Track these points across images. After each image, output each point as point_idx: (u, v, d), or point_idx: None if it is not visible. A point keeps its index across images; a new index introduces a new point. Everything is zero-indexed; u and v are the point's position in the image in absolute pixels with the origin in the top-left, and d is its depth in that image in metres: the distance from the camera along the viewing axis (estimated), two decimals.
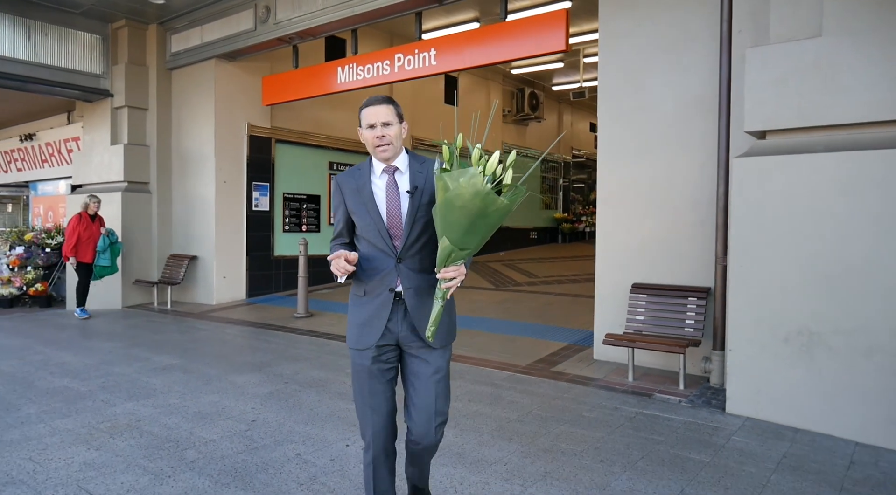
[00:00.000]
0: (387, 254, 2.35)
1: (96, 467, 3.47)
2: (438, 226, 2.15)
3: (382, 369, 2.40)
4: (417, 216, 2.32)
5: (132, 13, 9.70)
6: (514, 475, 3.36)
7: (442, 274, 2.16)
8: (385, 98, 2.40)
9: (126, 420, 4.29)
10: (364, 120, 2.37)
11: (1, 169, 14.00)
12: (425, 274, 2.36)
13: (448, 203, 2.06)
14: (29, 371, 5.72)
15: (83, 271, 8.92)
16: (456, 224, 2.08)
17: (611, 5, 5.75)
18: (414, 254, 2.35)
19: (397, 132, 2.36)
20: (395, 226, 2.33)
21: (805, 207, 4.07)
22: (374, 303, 2.36)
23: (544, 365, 5.70)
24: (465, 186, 2.02)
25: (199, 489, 3.18)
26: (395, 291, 2.34)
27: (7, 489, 3.20)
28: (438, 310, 2.21)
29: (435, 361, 2.39)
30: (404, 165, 2.41)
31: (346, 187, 2.42)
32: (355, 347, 2.41)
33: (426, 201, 2.32)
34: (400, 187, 2.36)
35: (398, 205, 2.34)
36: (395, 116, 2.36)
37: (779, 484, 3.27)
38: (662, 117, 5.42)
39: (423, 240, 2.34)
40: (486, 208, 2.05)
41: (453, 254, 2.13)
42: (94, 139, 10.69)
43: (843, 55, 3.99)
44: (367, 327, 2.37)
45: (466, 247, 2.14)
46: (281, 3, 8.40)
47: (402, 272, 2.34)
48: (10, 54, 8.99)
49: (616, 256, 5.73)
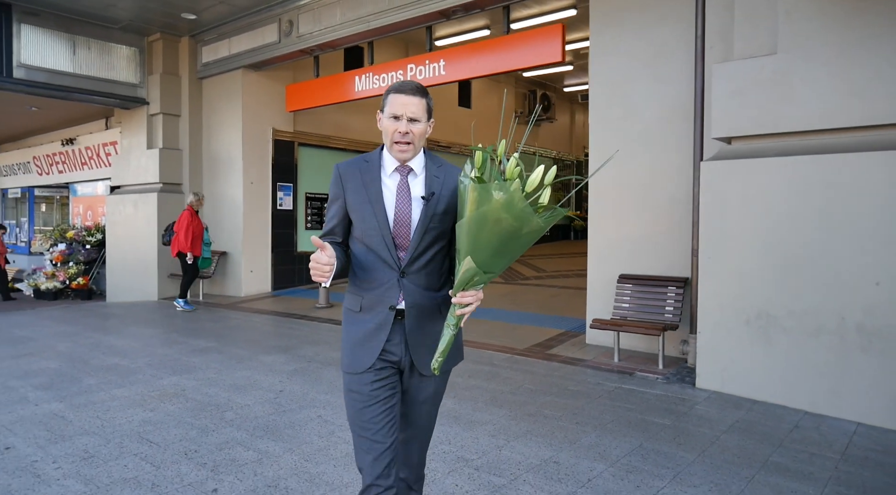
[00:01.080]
0: (389, 265, 2.03)
1: (152, 423, 4.17)
2: (464, 244, 1.84)
3: (384, 395, 2.06)
4: (430, 226, 2.01)
5: (166, 27, 10.47)
6: (501, 433, 3.97)
7: (459, 298, 1.88)
8: (419, 87, 2.04)
9: (173, 389, 4.99)
10: (389, 107, 2.02)
11: (44, 171, 14.91)
12: (430, 291, 2.07)
13: (481, 219, 1.78)
14: (83, 351, 6.47)
15: (193, 265, 9.27)
16: (485, 244, 1.81)
17: (600, 22, 6.32)
18: (419, 268, 2.04)
19: (423, 131, 2.04)
20: (403, 234, 2.02)
21: (760, 205, 4.63)
22: (371, 320, 2.05)
23: (540, 348, 6.30)
24: (503, 202, 1.76)
25: (237, 439, 3.86)
26: (395, 309, 2.03)
27: (83, 438, 3.90)
28: (449, 340, 1.92)
29: (433, 385, 2.15)
30: (420, 167, 2.08)
31: (349, 179, 2.08)
32: (350, 371, 2.07)
33: (441, 210, 2.02)
34: (413, 191, 2.04)
35: (409, 211, 2.02)
36: (426, 112, 2.03)
37: (726, 442, 3.85)
38: (645, 124, 5.99)
39: (431, 253, 2.05)
40: (520, 229, 1.80)
41: (476, 278, 1.86)
42: (131, 144, 11.50)
43: (794, 70, 4.53)
44: (363, 347, 2.05)
45: (492, 271, 1.87)
46: (303, 18, 9.08)
47: (405, 288, 2.03)
48: (57, 67, 9.80)
49: (605, 250, 6.31)
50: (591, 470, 3.41)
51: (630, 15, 6.07)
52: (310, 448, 3.72)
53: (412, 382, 2.12)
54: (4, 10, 9.15)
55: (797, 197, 4.48)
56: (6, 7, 9.15)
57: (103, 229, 12.40)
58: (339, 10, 8.57)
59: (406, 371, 2.10)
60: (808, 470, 3.45)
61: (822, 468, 3.48)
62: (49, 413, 4.43)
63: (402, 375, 2.12)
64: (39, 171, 15.13)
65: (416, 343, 2.06)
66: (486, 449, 3.68)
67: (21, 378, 5.42)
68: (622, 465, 3.47)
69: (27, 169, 15.57)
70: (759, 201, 4.64)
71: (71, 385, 5.17)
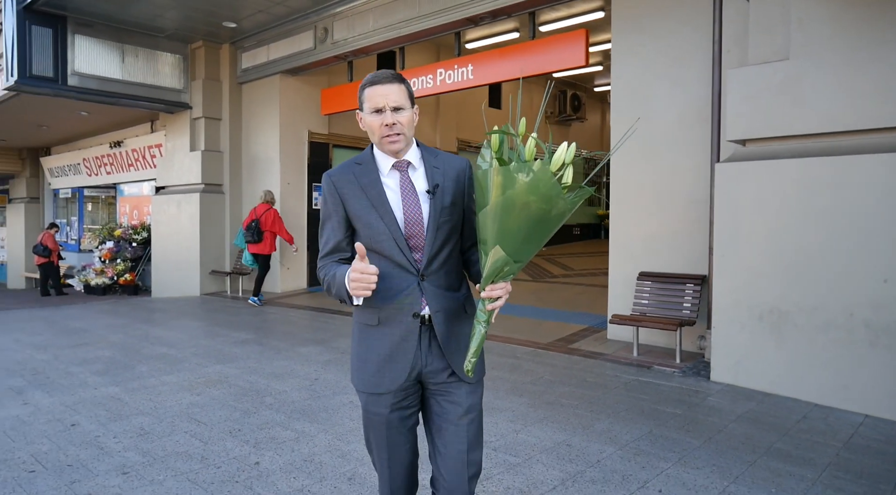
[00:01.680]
0: (405, 269, 1.89)
1: (199, 405, 4.56)
2: (490, 233, 1.73)
3: (404, 416, 1.96)
4: (441, 221, 1.89)
5: (208, 35, 10.98)
6: (519, 419, 4.25)
7: (488, 292, 1.76)
8: (394, 74, 1.91)
9: (217, 377, 5.39)
10: (368, 102, 1.89)
11: (93, 172, 15.64)
12: (452, 292, 1.95)
13: (507, 204, 1.68)
14: (134, 342, 6.95)
15: (265, 261, 9.79)
16: (514, 230, 1.70)
17: (621, 27, 6.52)
18: (437, 268, 1.91)
19: (409, 119, 1.90)
20: (416, 234, 1.89)
21: (772, 205, 4.80)
22: (394, 333, 1.90)
23: (563, 343, 6.55)
24: (530, 183, 1.66)
25: (276, 420, 4.22)
26: (420, 316, 1.90)
27: (139, 417, 4.32)
28: (481, 338, 1.80)
29: (466, 399, 1.94)
30: (417, 159, 1.96)
31: (345, 185, 1.94)
32: (369, 391, 1.94)
33: (449, 202, 1.90)
34: (417, 186, 1.92)
35: (417, 208, 1.89)
36: (407, 98, 1.90)
37: (733, 430, 4.06)
38: (665, 126, 6.18)
39: (447, 250, 1.93)
40: (549, 212, 1.70)
41: (507, 268, 1.75)
42: (175, 146, 12.07)
43: (805, 76, 4.69)
44: (389, 364, 1.90)
45: (521, 259, 1.77)
46: (337, 25, 9.46)
47: (427, 291, 1.89)
48: (107, 74, 10.39)
49: (626, 248, 6.52)
50: (601, 452, 3.67)
51: (650, 21, 6.26)
52: (342, 428, 4.05)
53: (442, 396, 1.95)
54: (61, 23, 9.75)
55: (807, 197, 4.64)
56: (62, 19, 9.75)
57: (148, 228, 13.03)
58: (372, 18, 8.93)
59: (431, 383, 1.95)
60: (809, 456, 3.64)
61: (824, 455, 3.68)
62: (107, 395, 4.87)
63: (424, 394, 1.99)
64: (89, 172, 15.86)
65: (451, 349, 1.91)
66: (504, 433, 3.96)
67: (80, 365, 5.89)
68: (630, 448, 3.72)
69: (77, 170, 16.34)
70: (770, 201, 4.81)
71: (125, 371, 5.62)
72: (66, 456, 3.64)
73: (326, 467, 3.45)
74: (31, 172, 18.54)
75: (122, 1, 9.24)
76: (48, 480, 3.31)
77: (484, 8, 7.53)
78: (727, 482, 3.29)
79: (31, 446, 3.81)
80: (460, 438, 1.92)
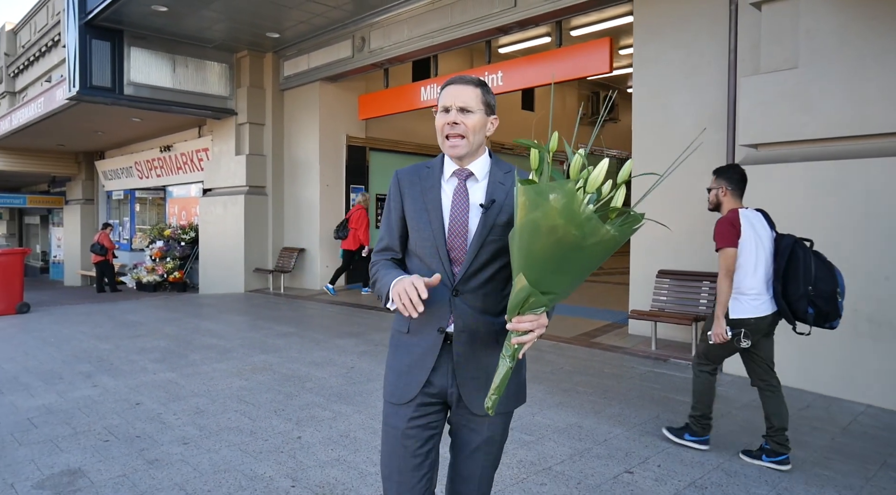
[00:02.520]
0: (442, 281, 1.78)
1: (247, 389, 5.05)
2: (514, 258, 1.59)
3: (421, 437, 1.84)
4: (489, 239, 1.77)
5: (252, 45, 11.59)
6: (536, 404, 4.62)
7: (514, 323, 1.59)
8: (474, 79, 1.84)
9: (262, 365, 5.89)
10: (440, 101, 1.84)
11: (144, 175, 16.50)
12: (488, 316, 1.82)
13: (531, 227, 1.52)
14: (185, 333, 7.53)
15: (351, 255, 10.64)
16: (539, 257, 1.53)
17: (643, 35, 6.81)
18: (476, 286, 1.80)
19: (478, 123, 1.80)
20: (458, 246, 1.80)
21: (780, 206, 5.03)
22: (420, 344, 1.85)
23: (585, 337, 6.87)
24: (557, 206, 1.47)
25: (316, 402, 4.68)
26: (444, 332, 1.81)
27: (194, 398, 4.82)
28: (505, 374, 1.62)
29: (487, 429, 1.85)
30: (482, 171, 1.85)
31: (408, 186, 1.89)
32: (388, 400, 1.89)
33: (504, 221, 1.78)
34: (471, 197, 1.83)
35: (465, 219, 1.81)
36: (481, 103, 1.81)
37: (736, 416, 4.35)
38: (685, 130, 6.44)
39: (491, 271, 1.80)
40: (583, 239, 1.49)
41: (532, 299, 1.57)
42: (221, 150, 12.74)
43: (813, 83, 4.93)
44: (406, 376, 1.85)
45: (550, 291, 1.57)
46: (374, 35, 9.94)
47: (457, 308, 1.80)
48: (159, 84, 11.09)
49: (646, 248, 6.81)
50: (609, 432, 4.01)
51: (670, 30, 6.54)
52: (375, 410, 4.48)
53: (461, 422, 1.87)
54: (118, 36, 10.46)
55: (814, 198, 4.89)
56: (119, 33, 10.46)
57: (196, 228, 13.74)
58: (407, 27, 9.37)
59: (454, 406, 1.86)
60: (805, 439, 3.92)
61: (819, 439, 3.95)
62: (165, 380, 5.40)
63: (449, 411, 1.91)
64: (140, 175, 16.73)
65: (465, 375, 1.81)
66: (521, 416, 4.33)
67: (139, 353, 6.47)
68: (637, 430, 4.05)
69: (129, 173, 17.23)
70: (779, 202, 5.05)
71: (179, 359, 6.17)
72: (133, 429, 4.15)
73: (360, 441, 3.88)
74: (86, 175, 19.58)
75: (174, 15, 9.88)
76: (121, 448, 3.82)
77: (512, 18, 7.89)
78: (722, 459, 3.60)
79: (104, 420, 4.34)
80: (476, 465, 1.88)
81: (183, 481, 3.32)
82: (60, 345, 7.00)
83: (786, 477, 3.38)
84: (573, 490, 3.20)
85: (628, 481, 3.31)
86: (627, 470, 3.45)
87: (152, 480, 3.33)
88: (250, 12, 9.80)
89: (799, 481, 3.34)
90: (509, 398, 1.85)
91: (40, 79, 18.00)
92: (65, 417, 4.40)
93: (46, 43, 17.19)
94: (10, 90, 20.07)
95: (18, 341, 7.32)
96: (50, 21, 16.86)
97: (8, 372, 5.74)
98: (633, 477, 3.37)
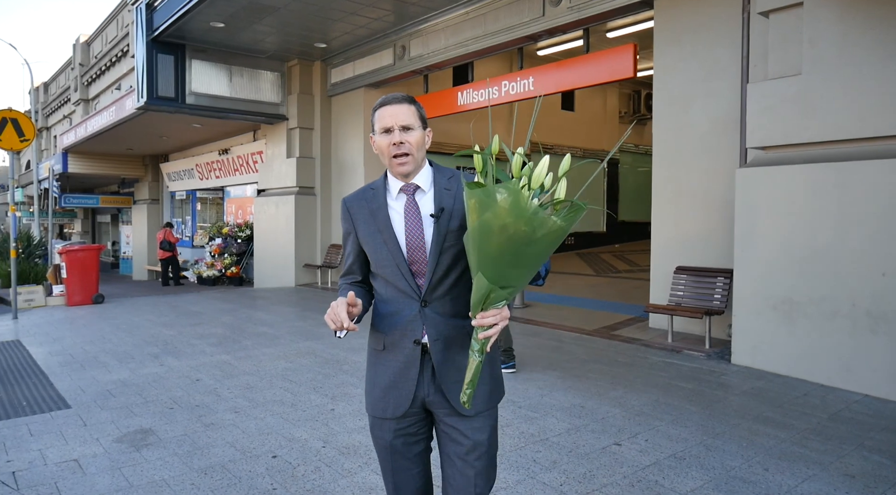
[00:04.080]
0: (409, 295, 1.87)
1: (291, 370, 5.69)
2: (472, 259, 1.68)
3: (409, 443, 1.95)
4: (445, 246, 1.84)
5: (302, 54, 12.34)
6: (547, 387, 5.07)
7: (479, 319, 1.67)
8: (405, 96, 1.90)
9: (306, 350, 6.53)
10: (378, 123, 1.87)
11: (204, 176, 17.57)
12: (458, 319, 1.89)
13: (483, 228, 1.60)
14: (239, 322, 8.27)
15: None
16: (495, 255, 1.62)
17: (663, 42, 7.13)
18: (442, 294, 1.88)
19: (420, 139, 1.87)
20: (418, 260, 1.87)
21: (784, 206, 5.35)
22: (397, 359, 1.90)
23: (607, 330, 7.26)
24: (505, 205, 1.56)
25: (350, 382, 5.26)
26: (420, 343, 1.87)
27: (245, 376, 5.49)
28: (476, 368, 1.71)
29: (472, 435, 1.89)
30: (427, 182, 1.92)
31: (357, 210, 1.95)
32: (374, 415, 1.96)
33: (456, 226, 1.85)
34: (422, 210, 1.89)
35: (420, 232, 1.87)
36: (418, 119, 1.88)
37: (732, 402, 4.70)
38: (701, 133, 6.75)
39: (454, 276, 1.87)
40: (532, 233, 1.58)
41: (492, 295, 1.66)
42: (273, 153, 13.56)
43: (815, 89, 5.21)
44: (393, 391, 1.90)
45: (509, 285, 1.67)
46: (414, 43, 10.50)
47: (427, 318, 1.86)
48: (218, 92, 11.96)
49: (666, 245, 7.14)
50: (608, 412, 4.44)
51: (688, 36, 6.84)
52: None
53: (445, 430, 1.92)
54: (180, 50, 11.37)
55: (815, 199, 5.17)
56: (182, 47, 11.36)
57: (251, 226, 14.63)
58: (444, 36, 9.89)
59: (435, 413, 1.93)
60: (791, 422, 4.25)
61: (805, 422, 4.27)
62: (220, 361, 6.09)
63: (434, 422, 1.97)
64: (200, 177, 17.81)
65: (447, 380, 1.87)
66: (531, 396, 4.80)
67: (198, 339, 7.22)
68: (634, 411, 4.47)
69: (191, 175, 18.36)
70: (783, 203, 5.36)
71: (233, 344, 6.88)
72: (193, 400, 4.83)
73: None
74: (152, 177, 20.91)
75: (231, 29, 10.69)
76: (183, 414, 4.49)
77: (541, 27, 8.31)
78: (708, 437, 3.99)
79: (169, 393, 5.04)
80: (468, 474, 1.89)
81: (233, 440, 3.95)
82: (132, 330, 7.84)
83: (760, 452, 3.74)
84: (564, 456, 3.67)
85: (615, 451, 3.75)
86: (616, 442, 3.89)
87: (208, 439, 3.97)
88: (300, 25, 10.51)
89: (772, 456, 3.70)
90: (486, 394, 1.91)
91: (111, 87, 19.37)
92: (137, 389, 5.13)
93: (116, 53, 18.50)
94: (83, 98, 21.61)
95: (96, 327, 8.22)
96: (119, 33, 18.13)
97: (89, 353, 6.56)
98: (621, 448, 3.80)
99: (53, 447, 3.90)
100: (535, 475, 3.42)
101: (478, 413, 1.89)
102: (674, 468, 3.51)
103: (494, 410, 1.95)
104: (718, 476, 3.41)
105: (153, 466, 3.58)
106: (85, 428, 4.23)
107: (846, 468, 3.54)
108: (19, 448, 3.90)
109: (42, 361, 6.26)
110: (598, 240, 16.64)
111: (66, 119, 24.58)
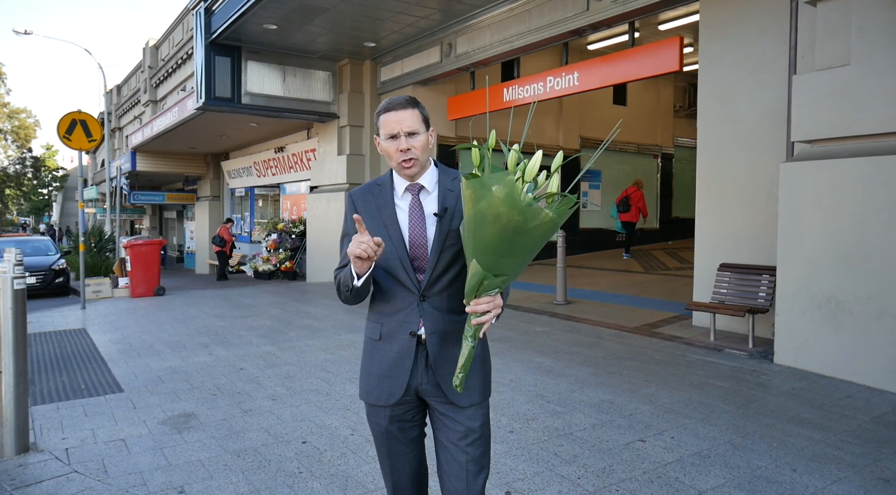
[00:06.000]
0: (408, 289, 1.98)
1: (331, 361, 5.88)
2: (467, 247, 1.77)
3: (404, 428, 2.05)
4: (446, 244, 1.94)
5: (353, 54, 12.60)
6: (578, 383, 5.08)
7: (472, 306, 1.75)
8: (409, 99, 1.96)
9: (347, 342, 6.72)
10: (383, 128, 1.95)
11: (261, 173, 18.16)
12: (454, 315, 1.98)
13: (478, 217, 1.69)
14: (288, 315, 8.56)
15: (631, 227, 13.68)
16: (489, 243, 1.71)
17: (708, 33, 6.96)
18: (441, 289, 1.97)
19: (424, 143, 1.96)
20: (420, 255, 1.97)
21: (831, 201, 5.17)
22: (392, 349, 1.99)
23: (648, 327, 7.16)
24: (500, 196, 1.66)
25: None
26: (416, 335, 1.97)
27: (286, 366, 5.71)
28: (469, 352, 1.80)
29: (465, 421, 1.98)
30: (431, 183, 2.01)
31: (363, 205, 2.04)
32: (369, 402, 2.05)
33: (458, 226, 1.93)
34: (426, 209, 1.99)
35: (423, 230, 1.97)
36: (422, 122, 1.96)
37: (769, 402, 4.59)
38: (748, 127, 6.57)
39: (453, 273, 1.97)
40: (525, 223, 1.67)
41: (486, 282, 1.74)
42: (325, 151, 13.90)
43: (864, 80, 5.01)
44: (387, 380, 1.99)
45: (502, 273, 1.75)
46: (460, 41, 10.58)
47: (425, 312, 1.96)
48: (272, 92, 12.36)
49: (710, 242, 6.98)
50: (637, 409, 4.42)
51: (734, 28, 6.67)
52: None
53: (439, 417, 2.01)
54: (236, 52, 11.80)
55: (864, 194, 4.97)
56: (238, 49, 11.80)
57: (304, 222, 15.04)
58: (489, 33, 9.92)
59: (429, 401, 2.02)
60: (828, 424, 4.13)
61: (844, 425, 4.14)
62: (265, 351, 6.35)
63: (428, 410, 2.07)
64: (258, 174, 18.41)
65: (442, 371, 1.96)
66: (561, 391, 4.82)
67: (247, 330, 7.52)
68: (664, 408, 4.43)
69: (249, 172, 19.00)
70: (829, 198, 5.18)
71: (279, 336, 7.14)
72: (235, 388, 5.07)
73: None
74: (213, 174, 21.74)
75: (284, 31, 11.02)
76: (224, 399, 4.72)
77: (585, 21, 8.24)
78: (737, 437, 3.92)
79: (214, 380, 5.30)
80: (460, 460, 1.97)
81: (268, 425, 4.14)
82: (187, 321, 8.24)
83: (791, 453, 3.66)
84: (586, 451, 3.69)
85: (638, 447, 3.74)
86: (641, 439, 3.88)
87: (245, 423, 4.18)
88: (350, 25, 10.74)
89: (803, 457, 3.61)
90: (479, 387, 2.01)
91: (177, 88, 20.23)
92: (185, 376, 5.42)
93: (181, 56, 19.30)
94: (152, 99, 22.65)
95: (154, 318, 8.67)
96: (185, 36, 18.92)
97: (145, 342, 6.95)
98: (645, 444, 3.79)
99: (104, 427, 4.18)
100: (554, 467, 3.46)
101: (471, 404, 1.99)
102: (696, 466, 3.48)
103: (486, 403, 2.06)
104: (742, 475, 3.37)
105: (192, 447, 3.80)
106: (134, 410, 4.52)
107: (881, 472, 3.43)
108: (74, 427, 4.20)
109: (103, 348, 6.67)
110: (650, 237, 16.32)
111: (137, 119, 25.80)
